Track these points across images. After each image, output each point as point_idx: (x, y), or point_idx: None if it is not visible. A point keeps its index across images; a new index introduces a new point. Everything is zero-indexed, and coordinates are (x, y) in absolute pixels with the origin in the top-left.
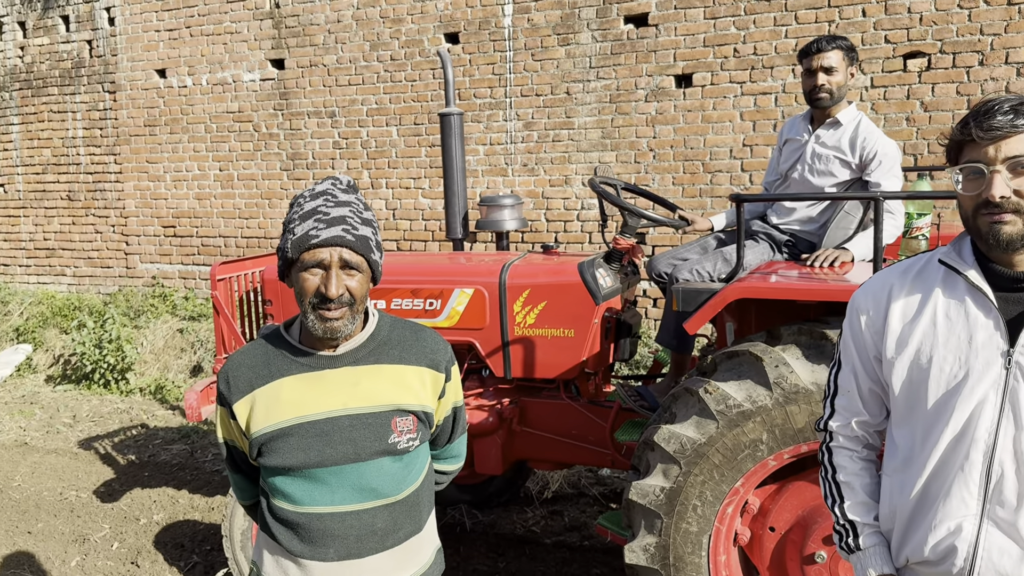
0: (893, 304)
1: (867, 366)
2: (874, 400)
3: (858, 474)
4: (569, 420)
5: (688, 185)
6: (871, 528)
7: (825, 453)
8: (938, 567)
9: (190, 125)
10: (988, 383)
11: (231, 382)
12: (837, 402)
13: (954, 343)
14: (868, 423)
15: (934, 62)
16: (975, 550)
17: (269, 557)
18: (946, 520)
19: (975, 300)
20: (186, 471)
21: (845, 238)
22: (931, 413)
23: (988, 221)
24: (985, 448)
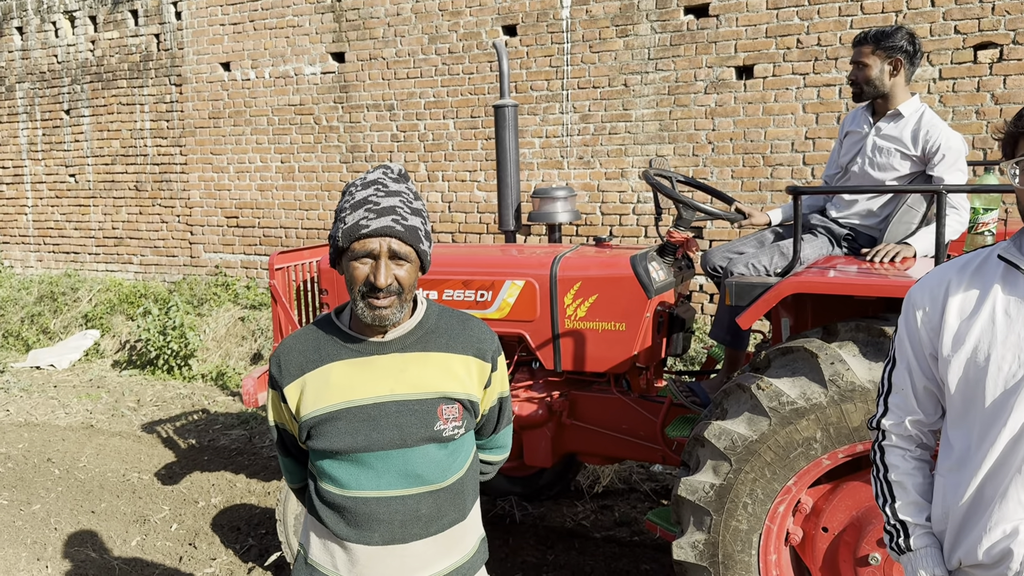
0: (950, 300)
1: (922, 364)
2: (929, 399)
3: (911, 473)
4: (619, 414)
5: (748, 179)
6: (923, 529)
7: (877, 452)
8: (992, 570)
9: (253, 117)
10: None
11: (282, 366)
12: (891, 400)
13: (1013, 341)
14: (922, 422)
15: (1006, 53)
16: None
17: (316, 540)
18: (1002, 523)
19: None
20: (244, 456)
21: (907, 233)
22: (988, 413)
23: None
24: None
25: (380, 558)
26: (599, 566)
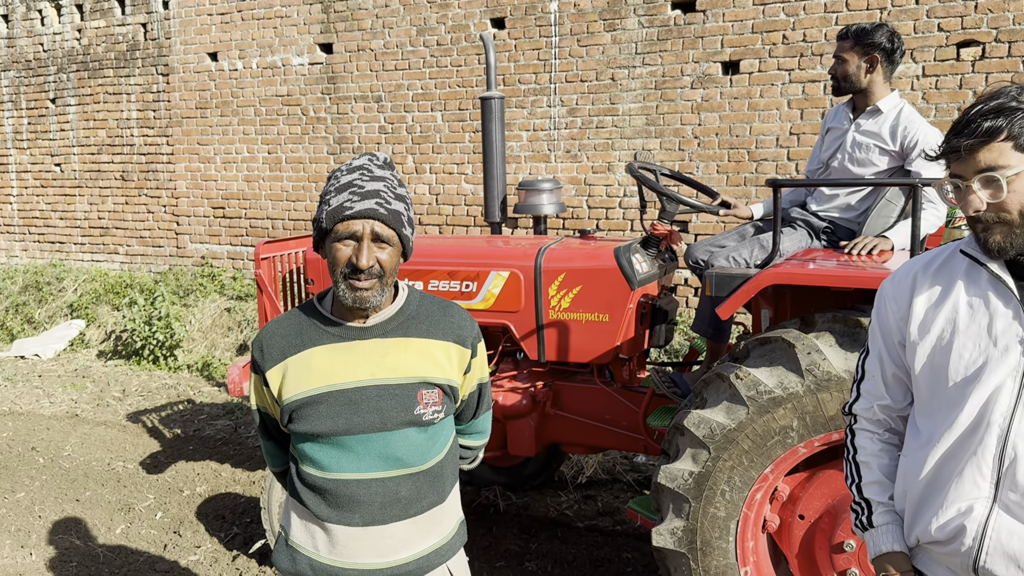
0: (917, 292)
1: (892, 351)
2: (898, 385)
3: (877, 455)
4: (602, 405)
5: (733, 174)
6: (885, 507)
7: (849, 435)
8: (947, 547)
9: (240, 108)
10: (1006, 370)
11: (264, 350)
12: (863, 386)
13: (974, 330)
14: (891, 407)
15: (988, 51)
16: (984, 531)
17: (297, 521)
18: (957, 501)
19: (996, 290)
20: (229, 446)
21: (885, 227)
22: (950, 398)
23: (978, 230)
24: (1000, 432)
25: (360, 539)
26: (581, 554)
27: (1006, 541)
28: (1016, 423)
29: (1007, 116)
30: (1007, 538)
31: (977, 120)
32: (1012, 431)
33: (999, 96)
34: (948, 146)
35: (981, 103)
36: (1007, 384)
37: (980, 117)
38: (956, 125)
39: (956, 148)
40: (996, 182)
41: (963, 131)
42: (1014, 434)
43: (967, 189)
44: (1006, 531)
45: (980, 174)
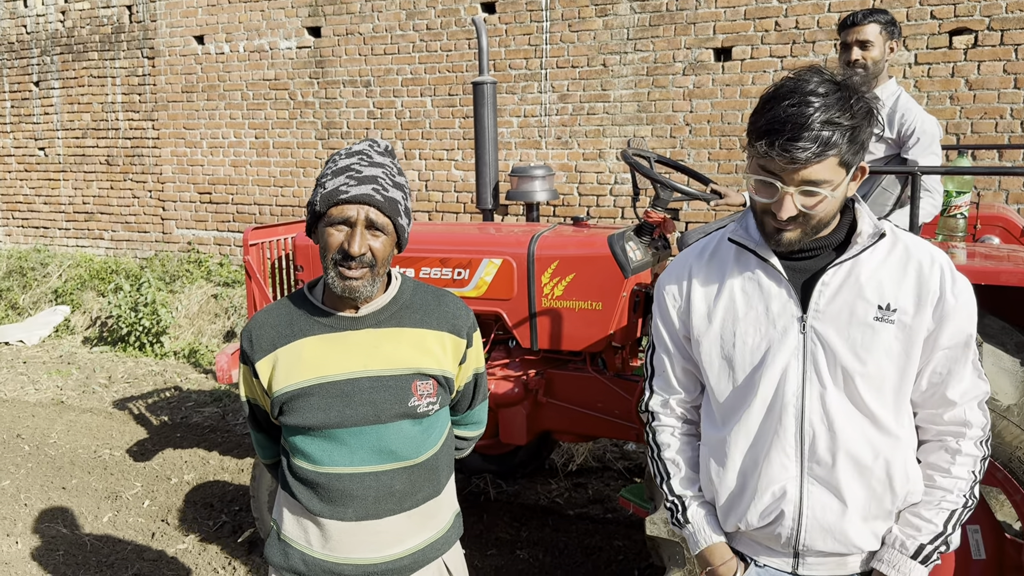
0: (694, 285)
1: (679, 346)
2: (688, 378)
3: (682, 450)
4: (595, 393)
5: (724, 161)
6: (697, 500)
7: (649, 433)
8: (767, 530)
9: (227, 92)
10: (788, 350)
11: (254, 341)
12: (655, 383)
13: (753, 316)
14: (684, 400)
15: (981, 39)
16: (800, 509)
17: (289, 516)
18: (770, 485)
19: (766, 273)
20: (217, 433)
21: (882, 215)
22: (741, 385)
23: (771, 226)
24: (795, 411)
25: (354, 533)
26: (572, 542)
27: (820, 516)
28: (808, 400)
29: (843, 132)
30: (821, 512)
31: (815, 129)
32: (806, 408)
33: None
34: (784, 152)
35: (811, 115)
36: (792, 364)
37: (820, 126)
38: (786, 131)
39: (794, 159)
40: (817, 194)
41: (799, 137)
42: (808, 411)
43: (784, 194)
44: (819, 506)
45: (804, 185)
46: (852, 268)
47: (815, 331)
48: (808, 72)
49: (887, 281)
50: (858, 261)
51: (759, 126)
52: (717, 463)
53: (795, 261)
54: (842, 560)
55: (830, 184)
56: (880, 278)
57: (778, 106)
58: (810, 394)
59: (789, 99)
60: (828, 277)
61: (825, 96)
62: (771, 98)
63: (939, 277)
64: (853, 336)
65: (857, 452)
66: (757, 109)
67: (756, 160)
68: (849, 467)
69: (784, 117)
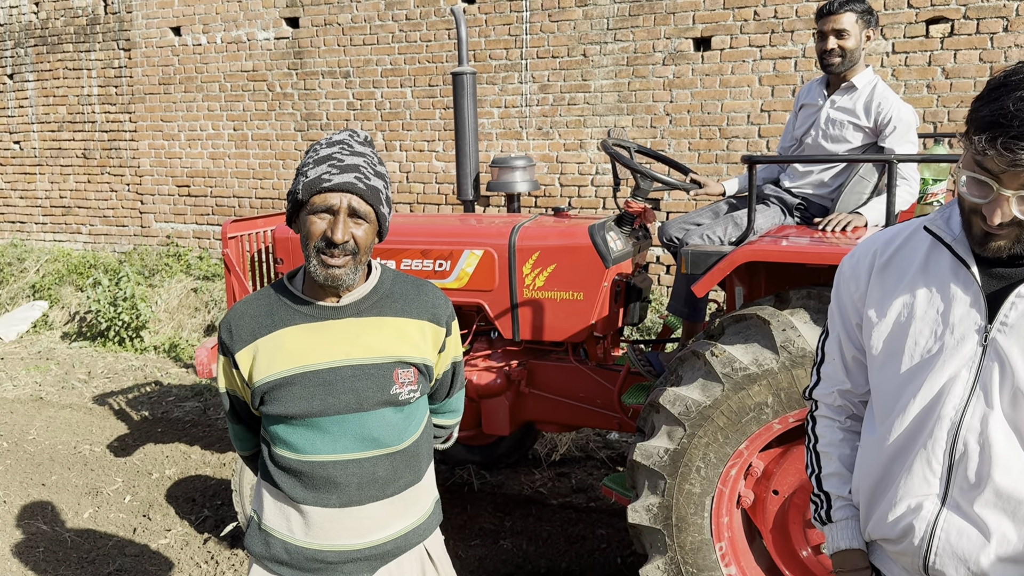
0: (876, 272)
1: (851, 333)
2: (858, 368)
3: (837, 444)
4: (577, 383)
5: (704, 151)
6: (844, 501)
7: (810, 422)
8: (897, 545)
9: (204, 84)
10: (961, 359)
11: (233, 332)
12: (823, 370)
13: (931, 315)
14: (851, 392)
15: (957, 28)
16: (933, 530)
17: (271, 504)
18: (907, 498)
19: (957, 272)
20: (198, 427)
21: (859, 203)
22: (902, 386)
23: (982, 230)
24: (951, 426)
25: (337, 520)
26: (555, 531)
27: (955, 541)
28: (968, 417)
29: None
30: (956, 538)
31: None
32: (963, 425)
33: None
34: (1006, 151)
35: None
36: (961, 375)
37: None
38: (1013, 120)
39: (1016, 160)
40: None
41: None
42: (965, 428)
43: (1000, 197)
44: (955, 531)
45: (1022, 190)
46: None
47: (997, 345)
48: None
49: None
50: None
51: (981, 115)
52: (864, 464)
53: (994, 266)
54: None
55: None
56: None
57: (1009, 95)
58: (972, 411)
59: (1021, 90)
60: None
61: None
62: (1001, 85)
63: None
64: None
65: (1011, 485)
66: (982, 95)
67: (972, 155)
68: (998, 498)
69: (1014, 111)
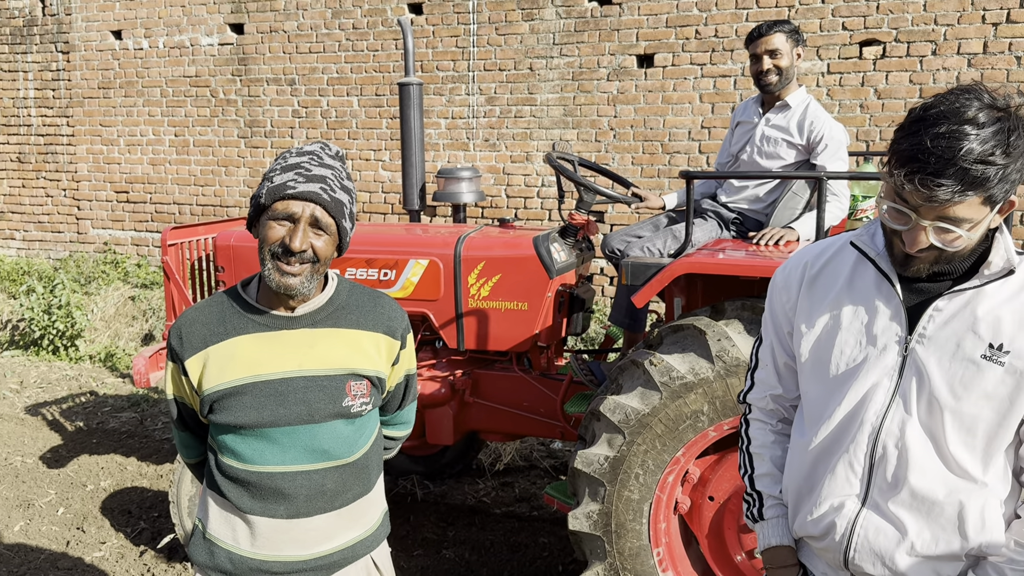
0: (806, 284)
1: (783, 341)
2: (789, 374)
3: (769, 446)
4: (521, 392)
5: (647, 165)
6: (774, 500)
7: (743, 424)
8: (821, 541)
9: (145, 88)
10: (883, 368)
11: (184, 338)
12: (757, 375)
13: (856, 326)
14: (783, 397)
15: (889, 50)
16: (853, 527)
17: (216, 513)
18: (831, 497)
19: (880, 286)
20: (135, 439)
21: (792, 218)
22: (829, 392)
23: (903, 252)
24: (871, 431)
25: (284, 531)
26: (498, 540)
27: (873, 539)
28: (888, 422)
29: (995, 172)
30: (874, 536)
31: (964, 166)
32: (883, 430)
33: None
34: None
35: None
36: (883, 383)
37: (970, 164)
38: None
39: (932, 197)
40: (953, 232)
41: (943, 174)
42: (885, 433)
43: (918, 226)
44: (873, 528)
45: (941, 221)
46: (971, 299)
47: (916, 356)
48: (968, 94)
49: (1008, 320)
50: (981, 293)
51: (901, 149)
52: (793, 465)
53: (915, 281)
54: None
55: (969, 223)
56: (1000, 315)
57: (927, 131)
58: (892, 417)
59: (941, 125)
60: (942, 303)
61: (982, 127)
62: (919, 119)
63: None
64: (954, 370)
65: (925, 487)
66: (903, 127)
67: (892, 186)
68: (913, 499)
69: (931, 147)
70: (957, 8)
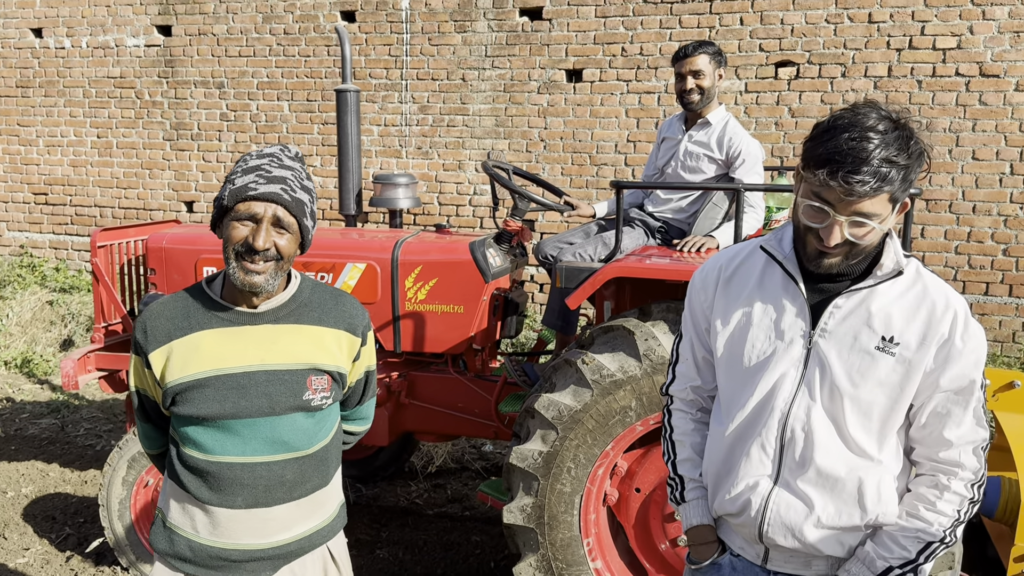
0: (721, 284)
1: (701, 337)
2: (707, 368)
3: (689, 434)
4: (456, 393)
5: (576, 176)
6: (695, 483)
7: (666, 415)
8: (738, 518)
9: (67, 88)
10: (790, 361)
11: (148, 332)
12: (677, 369)
13: (766, 323)
14: (702, 388)
15: (802, 71)
16: (767, 504)
17: (176, 504)
18: (746, 477)
19: (787, 286)
20: (56, 445)
21: (712, 227)
22: (742, 383)
23: (816, 248)
24: (781, 416)
25: (242, 521)
26: (432, 539)
27: (784, 513)
28: (795, 408)
29: (899, 170)
30: (784, 511)
31: (875, 165)
32: (791, 415)
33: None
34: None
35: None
36: (790, 373)
37: (881, 165)
38: (847, 163)
39: (851, 191)
40: (866, 226)
41: (859, 171)
42: (792, 418)
43: (835, 222)
44: (784, 504)
45: (855, 216)
46: (866, 297)
47: (819, 348)
48: (866, 107)
49: (897, 315)
50: (874, 292)
51: (818, 154)
52: (711, 450)
53: (817, 282)
54: (806, 561)
55: (879, 217)
56: (891, 311)
57: (838, 137)
58: (799, 403)
59: (849, 132)
60: (841, 301)
61: (885, 134)
62: (830, 128)
63: (951, 321)
64: (851, 360)
65: (829, 465)
66: (814, 137)
67: (811, 187)
68: (819, 476)
69: (846, 149)
70: (864, 34)
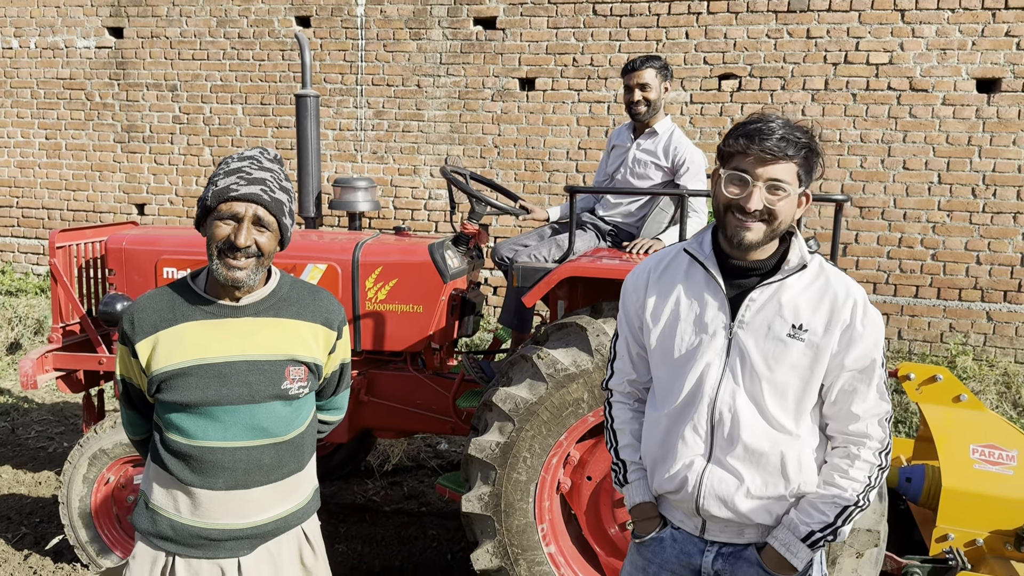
0: (650, 286)
1: (635, 335)
2: (641, 363)
3: (628, 422)
4: (415, 390)
5: (529, 182)
6: (636, 466)
7: (607, 407)
8: (677, 495)
9: (14, 89)
10: (714, 351)
11: (136, 323)
12: (615, 365)
13: (692, 318)
14: (637, 381)
15: (744, 84)
16: (701, 479)
17: (159, 487)
18: (682, 457)
19: (708, 284)
20: (8, 447)
21: (659, 231)
22: (673, 373)
23: (736, 224)
24: (709, 401)
25: (222, 502)
26: (389, 534)
27: (717, 487)
28: (721, 393)
29: (800, 147)
30: (718, 484)
31: (780, 137)
32: (718, 399)
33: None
34: (760, 144)
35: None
36: (715, 362)
37: (788, 135)
38: (755, 133)
39: (769, 152)
40: (780, 191)
41: (770, 138)
42: (720, 402)
43: (754, 188)
44: (717, 479)
45: (770, 181)
46: (776, 290)
47: (738, 338)
48: (771, 113)
49: (804, 305)
50: (783, 285)
51: (736, 133)
52: (649, 435)
53: (734, 278)
54: (739, 529)
55: (790, 185)
56: (798, 302)
57: (751, 123)
58: (724, 388)
59: (759, 121)
60: (755, 295)
61: (786, 124)
62: (743, 122)
63: (851, 308)
64: (767, 347)
65: (754, 441)
66: (731, 131)
67: (730, 163)
68: (746, 452)
69: (758, 126)
70: (803, 49)
